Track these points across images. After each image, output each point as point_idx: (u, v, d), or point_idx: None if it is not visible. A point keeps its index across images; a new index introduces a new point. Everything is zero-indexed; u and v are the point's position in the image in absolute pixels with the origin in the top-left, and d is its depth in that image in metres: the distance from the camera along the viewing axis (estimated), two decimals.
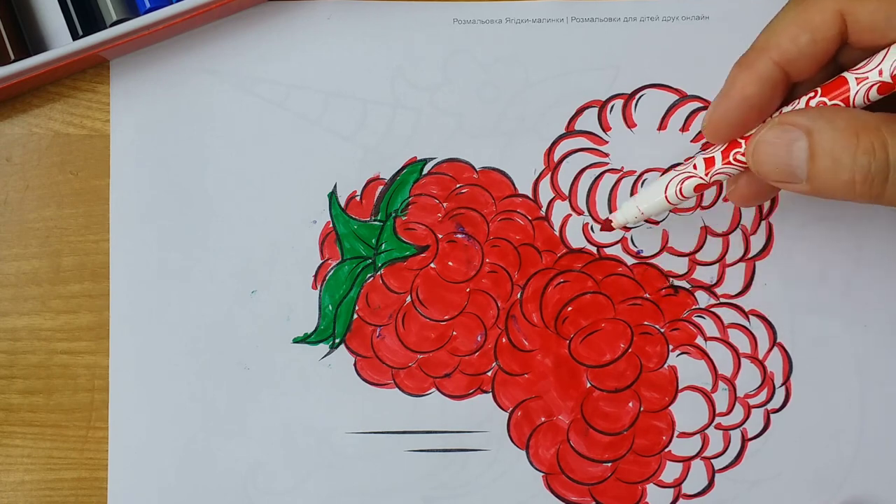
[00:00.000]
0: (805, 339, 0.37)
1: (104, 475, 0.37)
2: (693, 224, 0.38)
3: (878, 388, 0.37)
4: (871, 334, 0.37)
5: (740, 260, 0.37)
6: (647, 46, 0.38)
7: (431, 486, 0.37)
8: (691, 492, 0.37)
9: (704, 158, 0.32)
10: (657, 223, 0.38)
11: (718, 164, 0.31)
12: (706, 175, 0.32)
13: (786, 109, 0.30)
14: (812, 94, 0.29)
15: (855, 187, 0.28)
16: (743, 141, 0.31)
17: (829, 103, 0.29)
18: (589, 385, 0.37)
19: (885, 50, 0.28)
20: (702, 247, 0.38)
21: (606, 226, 0.35)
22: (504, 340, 0.37)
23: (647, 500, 0.37)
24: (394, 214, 0.38)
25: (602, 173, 0.38)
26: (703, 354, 0.37)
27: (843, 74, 0.29)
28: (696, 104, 0.38)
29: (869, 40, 0.29)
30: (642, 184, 0.36)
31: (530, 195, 0.38)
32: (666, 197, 0.33)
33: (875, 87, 0.28)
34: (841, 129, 0.27)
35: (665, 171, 0.34)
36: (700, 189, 0.32)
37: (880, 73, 0.28)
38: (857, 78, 0.28)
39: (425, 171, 0.38)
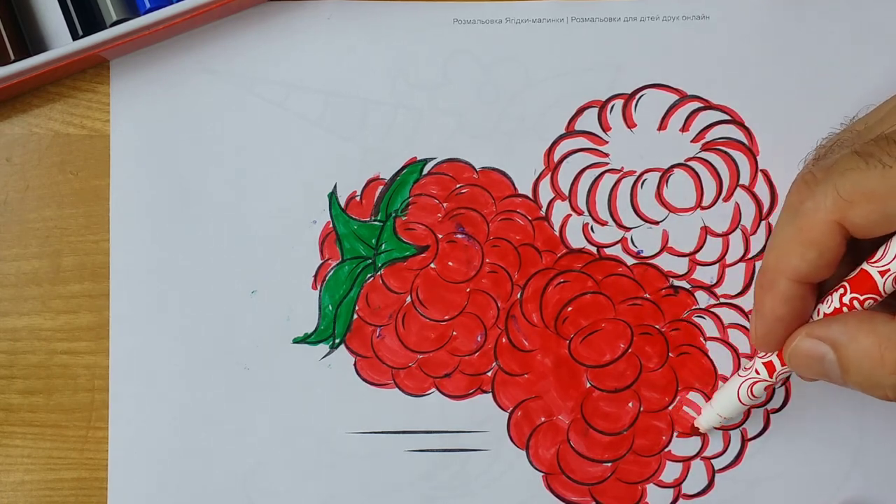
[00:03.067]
0: None
1: (104, 475, 0.37)
2: (693, 224, 0.38)
3: None
4: None
5: (740, 260, 0.37)
6: (647, 46, 0.38)
7: (431, 486, 0.37)
8: (691, 492, 0.37)
9: (764, 363, 0.33)
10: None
11: (779, 367, 0.33)
12: (771, 377, 0.33)
13: (820, 307, 0.31)
14: (842, 291, 0.30)
15: (890, 398, 0.29)
16: None
17: (861, 298, 0.30)
18: (589, 385, 0.37)
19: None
20: (702, 247, 0.38)
21: (695, 432, 0.37)
22: (504, 340, 0.37)
23: (647, 500, 0.37)
24: (394, 214, 0.38)
25: (602, 173, 0.38)
26: (703, 354, 0.37)
27: (865, 269, 0.30)
28: (696, 104, 0.38)
29: (874, 233, 0.29)
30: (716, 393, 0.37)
31: (530, 195, 0.38)
32: (740, 401, 0.35)
33: None
34: (865, 347, 0.29)
35: (729, 378, 0.36)
36: (770, 388, 0.34)
37: None
38: (880, 271, 0.29)
39: (425, 171, 0.38)
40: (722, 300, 0.37)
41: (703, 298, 0.37)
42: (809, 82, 0.37)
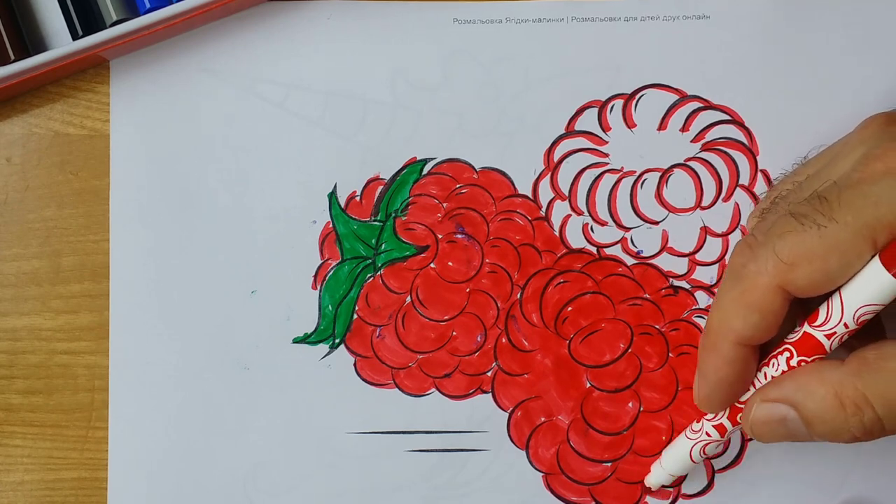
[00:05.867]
0: None
1: (104, 475, 0.37)
2: (693, 224, 0.38)
3: None
4: None
5: None
6: (647, 46, 0.38)
7: (431, 486, 0.37)
8: (691, 492, 0.37)
9: (714, 426, 0.33)
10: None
11: (729, 427, 0.33)
12: (722, 437, 0.33)
13: (766, 370, 0.31)
14: (788, 354, 0.30)
15: (859, 439, 0.29)
16: (741, 405, 0.32)
17: (808, 360, 0.30)
18: (589, 385, 0.37)
19: (839, 302, 0.29)
20: (702, 247, 0.38)
21: (646, 489, 0.37)
22: (504, 340, 0.37)
23: (646, 500, 0.37)
24: (394, 214, 0.38)
25: (602, 173, 0.38)
26: None
27: (809, 332, 0.30)
28: (696, 104, 0.38)
29: (816, 293, 0.29)
30: (664, 452, 0.37)
31: (530, 195, 0.38)
32: (692, 460, 0.35)
33: (845, 335, 0.29)
34: (821, 397, 0.29)
35: (677, 438, 0.36)
36: (720, 445, 0.35)
37: (846, 325, 0.29)
38: (825, 334, 0.29)
39: (425, 171, 0.38)
40: None
41: (703, 298, 0.37)
42: (809, 82, 0.37)
